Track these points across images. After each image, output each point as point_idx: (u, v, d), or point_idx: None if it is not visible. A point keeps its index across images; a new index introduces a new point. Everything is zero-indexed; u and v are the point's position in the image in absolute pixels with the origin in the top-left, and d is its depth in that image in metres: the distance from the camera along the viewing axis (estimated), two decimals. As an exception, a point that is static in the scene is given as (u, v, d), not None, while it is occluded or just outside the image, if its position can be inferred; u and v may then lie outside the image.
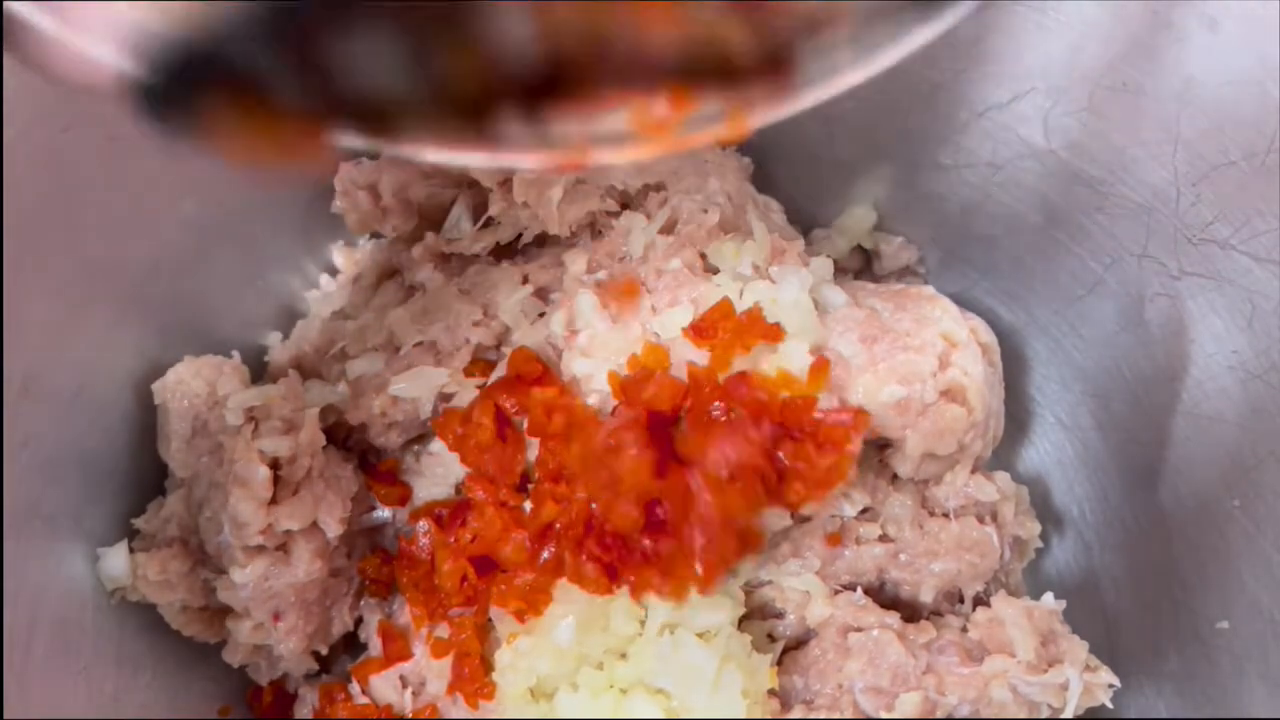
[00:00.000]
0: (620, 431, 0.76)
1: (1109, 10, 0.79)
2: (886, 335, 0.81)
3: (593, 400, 0.82)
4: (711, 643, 0.76)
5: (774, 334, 0.79)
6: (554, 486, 0.79)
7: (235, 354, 0.87)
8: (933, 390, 0.80)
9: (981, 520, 0.86)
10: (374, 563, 0.88)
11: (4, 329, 0.71)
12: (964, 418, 0.80)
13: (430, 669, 0.84)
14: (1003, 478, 0.87)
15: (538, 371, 0.83)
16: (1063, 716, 0.80)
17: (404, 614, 0.87)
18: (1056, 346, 0.98)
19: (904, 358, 0.80)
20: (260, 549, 0.82)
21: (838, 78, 0.54)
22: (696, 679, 0.75)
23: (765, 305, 0.81)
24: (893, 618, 0.82)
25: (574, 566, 0.77)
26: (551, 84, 0.48)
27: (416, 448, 0.89)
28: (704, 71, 0.50)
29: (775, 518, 0.83)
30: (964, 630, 0.84)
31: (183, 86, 0.45)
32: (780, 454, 0.76)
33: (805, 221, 1.04)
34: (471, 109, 0.49)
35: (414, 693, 0.85)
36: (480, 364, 0.86)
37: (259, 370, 0.93)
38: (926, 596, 0.85)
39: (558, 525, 0.78)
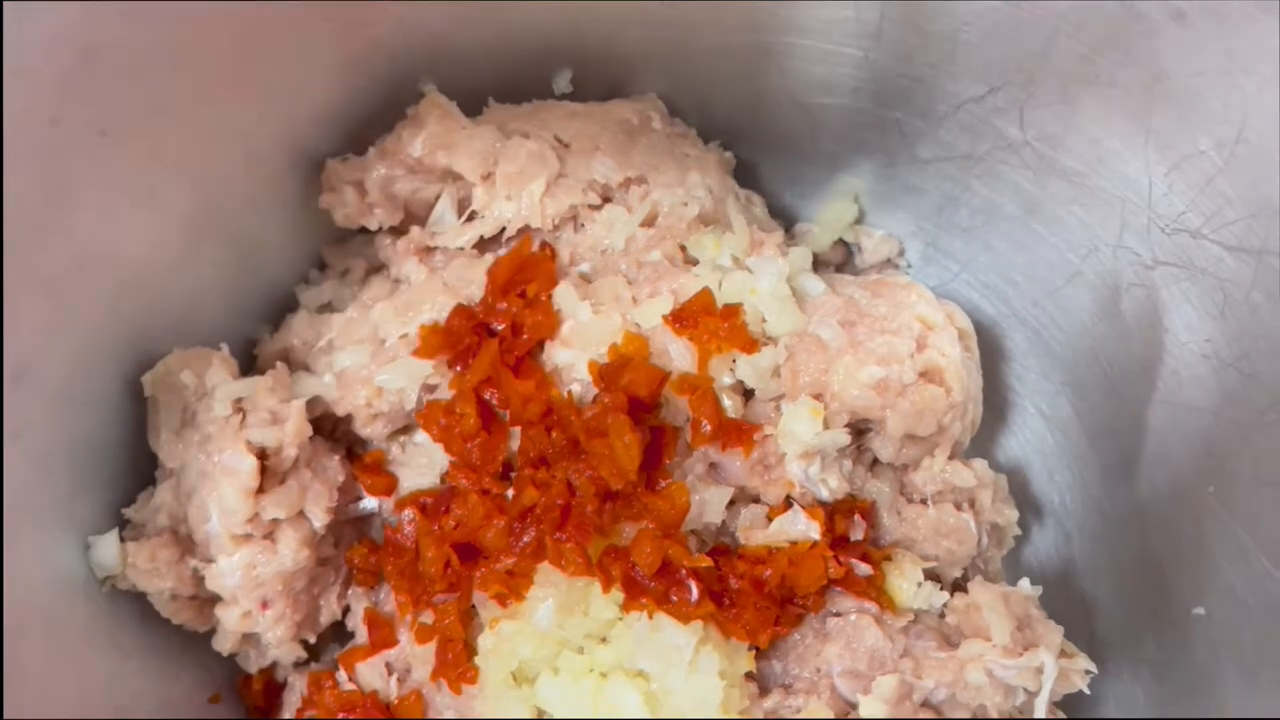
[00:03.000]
0: (602, 416, 0.78)
1: (1080, 4, 0.80)
2: (864, 319, 0.83)
3: (574, 389, 0.83)
4: (689, 625, 0.77)
5: (751, 346, 0.82)
6: (535, 473, 0.80)
7: (224, 346, 0.88)
8: (911, 371, 0.81)
9: (959, 507, 0.87)
10: (361, 552, 0.89)
11: (-5, 321, 0.72)
12: (943, 398, 0.82)
13: (415, 655, 0.85)
14: (980, 465, 0.88)
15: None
16: (1038, 699, 0.81)
17: (390, 602, 0.88)
18: (1036, 337, 0.99)
19: (882, 339, 0.82)
20: (247, 537, 0.83)
21: None
22: (674, 659, 0.76)
23: (744, 294, 0.83)
24: (870, 602, 0.83)
25: (553, 549, 0.78)
26: None
27: (402, 438, 0.90)
28: None
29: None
30: (941, 615, 0.85)
31: None
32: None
33: (788, 216, 1.06)
34: None
35: (399, 679, 0.86)
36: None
37: (248, 362, 0.94)
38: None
39: (537, 509, 0.79)
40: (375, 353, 0.88)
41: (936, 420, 0.82)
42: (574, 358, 0.83)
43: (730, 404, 0.82)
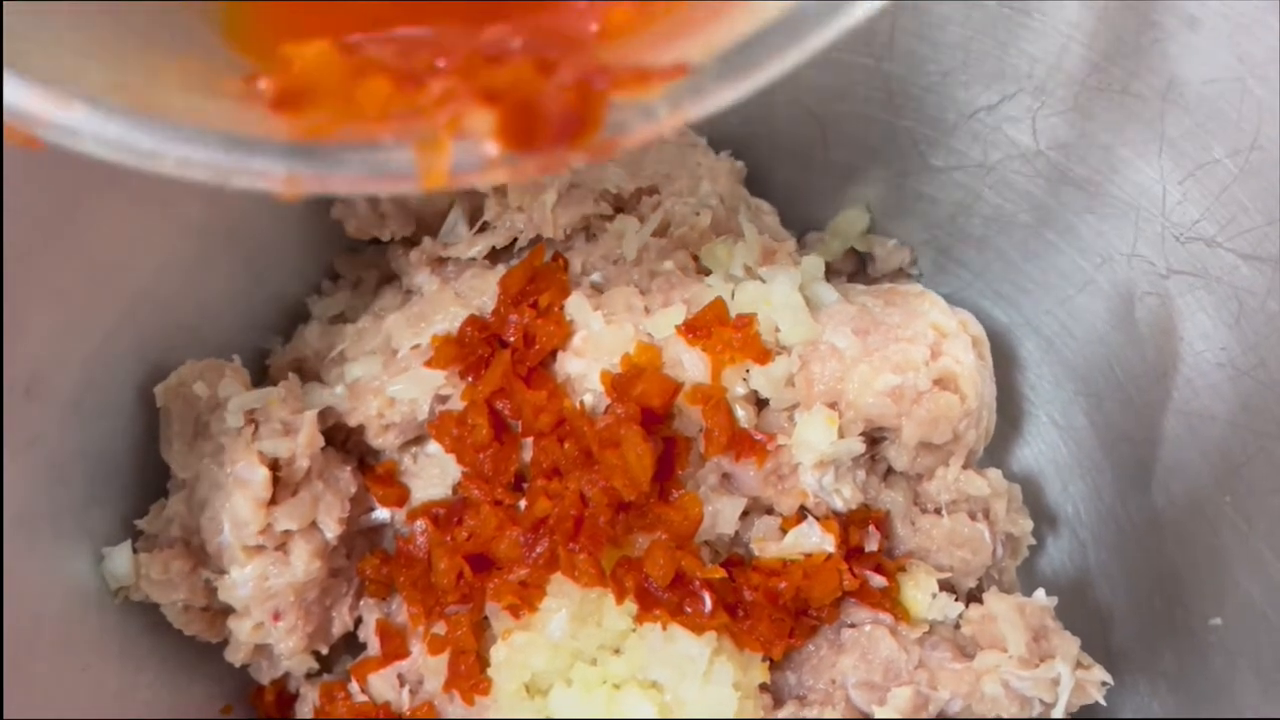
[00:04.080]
0: (614, 427, 0.78)
1: (1092, 10, 0.80)
2: (878, 328, 0.83)
3: (586, 399, 0.83)
4: (703, 636, 0.77)
5: (764, 356, 0.82)
6: (547, 483, 0.80)
7: (236, 357, 0.88)
8: (926, 378, 0.81)
9: (973, 517, 0.87)
10: (373, 563, 0.89)
11: (8, 332, 0.72)
12: (958, 405, 0.81)
13: (427, 666, 0.84)
14: (994, 474, 0.88)
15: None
16: (1055, 711, 0.80)
17: (402, 613, 0.88)
18: (1049, 346, 0.99)
19: (896, 348, 0.81)
20: (260, 548, 0.83)
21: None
22: (688, 670, 0.76)
23: (758, 304, 0.83)
24: (885, 614, 0.83)
25: (566, 560, 0.78)
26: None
27: (414, 449, 0.90)
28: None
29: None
30: (956, 626, 0.85)
31: None
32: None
33: (800, 224, 1.05)
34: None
35: (411, 691, 0.86)
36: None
37: (260, 373, 0.94)
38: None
39: (550, 520, 0.79)
40: (387, 363, 0.88)
41: (951, 427, 0.82)
42: (586, 368, 0.83)
43: (743, 414, 0.82)
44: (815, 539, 0.82)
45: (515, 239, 0.90)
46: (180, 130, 0.45)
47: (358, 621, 0.91)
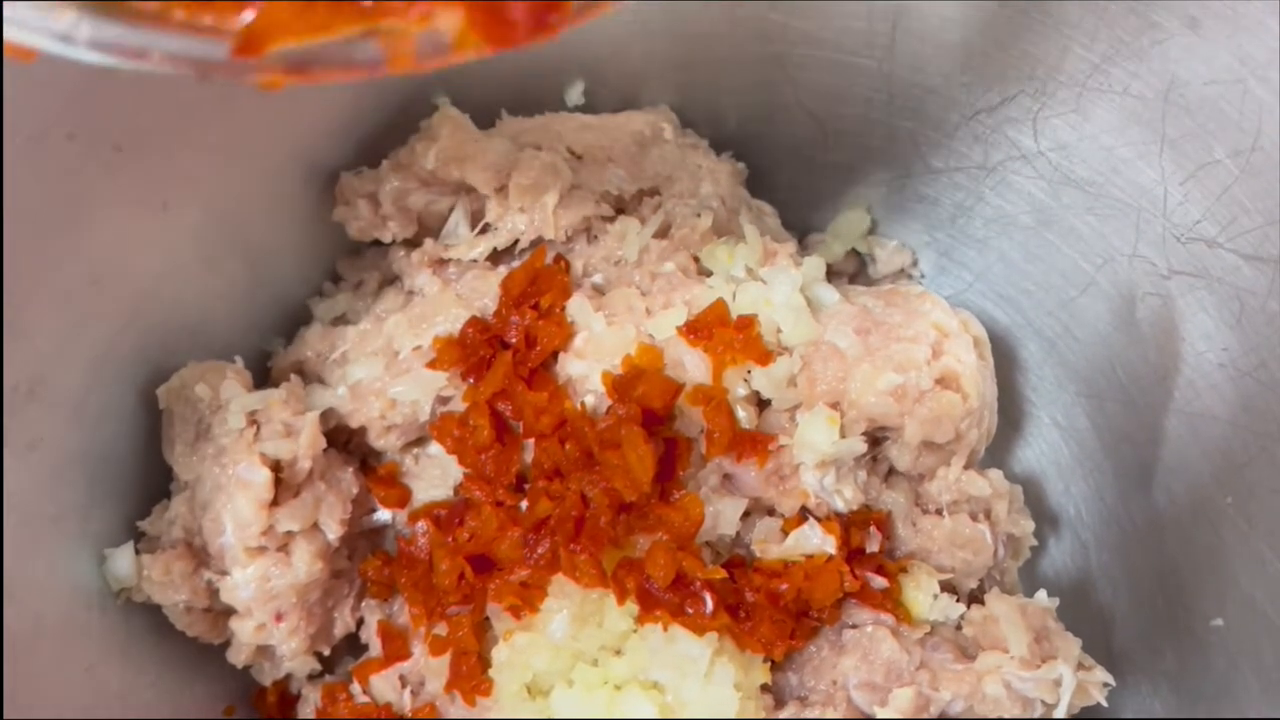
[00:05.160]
0: (616, 428, 0.78)
1: (1093, 11, 0.80)
2: (879, 328, 0.83)
3: (588, 401, 0.83)
4: (704, 636, 0.77)
5: (765, 357, 0.82)
6: (549, 484, 0.80)
7: (238, 359, 0.89)
8: (928, 377, 0.81)
9: (975, 517, 0.87)
10: (375, 564, 0.89)
11: (11, 334, 0.72)
12: (960, 404, 0.82)
13: (429, 668, 0.85)
14: (995, 475, 0.88)
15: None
16: (1056, 712, 0.80)
17: (404, 615, 0.88)
18: (1050, 348, 0.99)
19: (898, 347, 0.82)
20: (261, 550, 0.83)
21: None
22: (689, 670, 0.76)
23: (759, 305, 0.83)
24: (887, 615, 0.83)
25: (567, 561, 0.78)
26: None
27: (416, 450, 0.90)
28: None
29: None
30: (958, 627, 0.85)
31: None
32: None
33: (801, 226, 1.06)
34: None
35: (413, 692, 0.86)
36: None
37: (262, 375, 0.94)
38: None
39: (551, 520, 0.79)
40: (389, 365, 0.88)
41: (954, 427, 0.82)
42: (588, 369, 0.83)
43: (745, 415, 0.82)
44: (816, 540, 0.82)
45: (516, 240, 0.90)
46: (167, 30, 0.47)
47: (359, 623, 0.91)
